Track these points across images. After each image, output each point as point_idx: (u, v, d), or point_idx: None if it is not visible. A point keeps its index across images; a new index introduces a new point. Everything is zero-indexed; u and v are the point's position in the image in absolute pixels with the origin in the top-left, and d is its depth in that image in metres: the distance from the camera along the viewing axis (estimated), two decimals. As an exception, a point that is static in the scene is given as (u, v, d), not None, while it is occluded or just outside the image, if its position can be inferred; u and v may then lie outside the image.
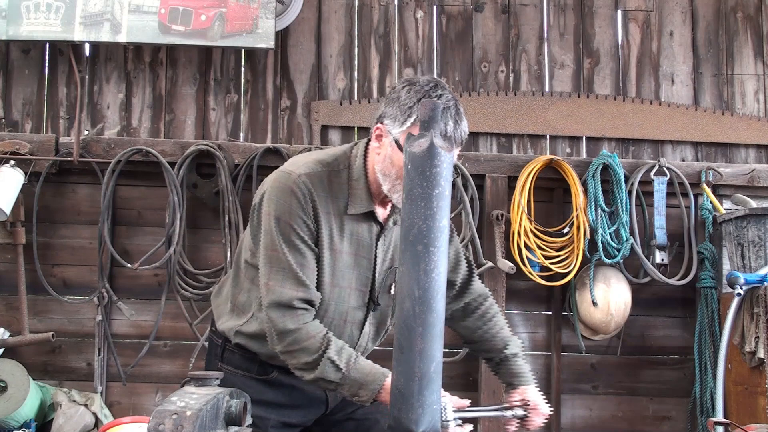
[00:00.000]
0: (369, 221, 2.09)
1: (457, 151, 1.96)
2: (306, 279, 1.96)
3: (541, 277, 3.87)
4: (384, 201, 2.09)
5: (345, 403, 2.24)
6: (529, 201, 3.91)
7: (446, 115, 1.89)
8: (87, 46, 4.03)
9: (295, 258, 1.95)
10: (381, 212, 2.12)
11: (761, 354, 3.46)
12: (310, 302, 1.97)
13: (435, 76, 4.18)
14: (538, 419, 2.12)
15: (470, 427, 1.89)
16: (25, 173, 3.73)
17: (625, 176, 3.93)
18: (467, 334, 2.36)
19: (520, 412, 2.11)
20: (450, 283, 2.26)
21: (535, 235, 3.87)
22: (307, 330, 1.92)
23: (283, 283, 1.93)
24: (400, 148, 1.92)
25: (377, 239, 2.11)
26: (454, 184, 3.74)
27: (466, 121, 1.97)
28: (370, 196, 2.06)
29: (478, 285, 2.38)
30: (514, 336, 2.35)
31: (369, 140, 2.09)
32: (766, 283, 3.47)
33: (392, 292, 2.18)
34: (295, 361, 1.93)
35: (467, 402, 1.97)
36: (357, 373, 1.89)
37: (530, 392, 2.16)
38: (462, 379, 4.01)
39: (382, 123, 1.99)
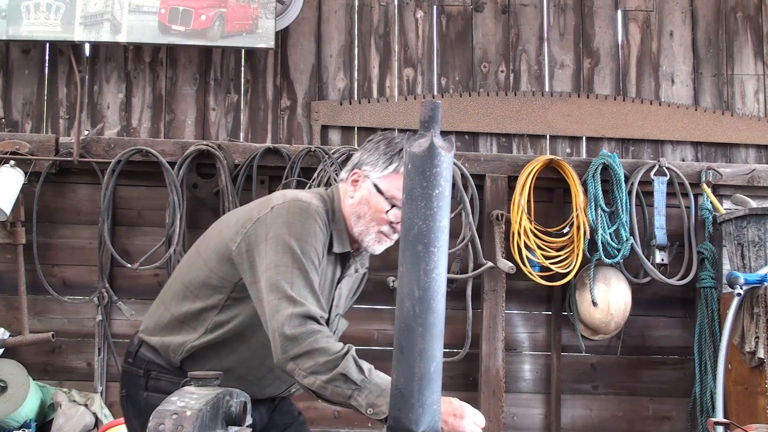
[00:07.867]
0: (336, 264, 2.12)
1: None
2: (323, 301, 1.96)
3: (541, 277, 3.87)
4: (351, 247, 2.14)
5: (271, 424, 2.24)
6: (529, 201, 3.91)
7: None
8: (87, 46, 4.04)
9: (314, 279, 1.94)
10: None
11: (761, 354, 3.46)
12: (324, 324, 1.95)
13: (435, 76, 4.22)
14: None
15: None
16: (25, 173, 3.73)
17: (625, 176, 3.93)
18: None
19: None
20: None
21: (535, 235, 3.87)
22: (328, 336, 1.87)
23: (306, 299, 1.90)
24: (379, 191, 2.05)
25: (337, 283, 2.14)
26: (453, 184, 3.74)
27: None
28: (348, 237, 2.12)
29: None
30: None
31: (338, 186, 2.17)
32: (766, 283, 3.48)
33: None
34: (311, 362, 1.82)
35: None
36: (379, 379, 1.80)
37: None
38: (462, 379, 4.01)
39: (360, 169, 2.11)
